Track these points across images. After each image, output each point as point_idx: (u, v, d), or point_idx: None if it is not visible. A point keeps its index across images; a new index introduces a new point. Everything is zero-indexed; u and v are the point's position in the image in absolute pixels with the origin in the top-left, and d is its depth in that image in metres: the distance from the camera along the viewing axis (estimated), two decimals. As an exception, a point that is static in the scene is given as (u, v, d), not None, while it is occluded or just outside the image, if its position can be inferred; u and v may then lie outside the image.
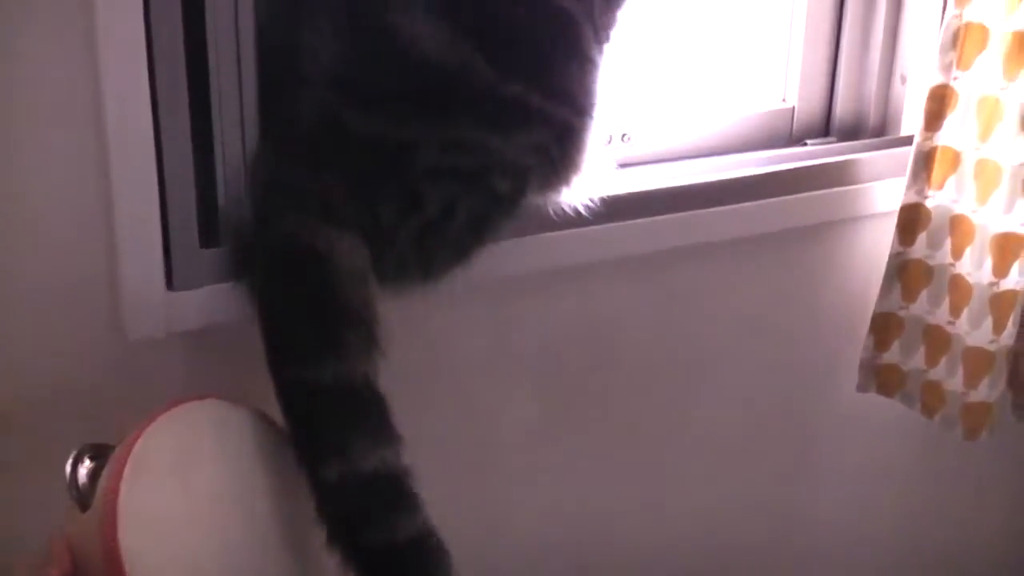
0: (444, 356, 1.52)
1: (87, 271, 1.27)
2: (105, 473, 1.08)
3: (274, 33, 1.25)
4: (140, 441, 1.08)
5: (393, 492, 1.19)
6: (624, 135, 1.64)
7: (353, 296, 1.23)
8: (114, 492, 1.05)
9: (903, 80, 1.81)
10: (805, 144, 1.81)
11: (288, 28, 1.24)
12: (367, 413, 1.20)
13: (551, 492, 1.67)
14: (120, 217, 1.23)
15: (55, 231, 1.24)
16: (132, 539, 1.03)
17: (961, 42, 1.56)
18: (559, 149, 1.33)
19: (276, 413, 1.19)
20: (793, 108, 1.83)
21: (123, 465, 1.06)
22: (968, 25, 1.55)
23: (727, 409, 1.80)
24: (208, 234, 1.28)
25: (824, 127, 1.86)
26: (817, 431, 1.90)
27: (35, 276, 1.25)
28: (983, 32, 1.54)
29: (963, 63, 1.56)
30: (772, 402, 1.83)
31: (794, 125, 1.83)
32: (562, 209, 1.40)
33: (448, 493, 1.47)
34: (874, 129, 1.85)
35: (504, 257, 1.38)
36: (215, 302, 1.28)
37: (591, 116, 1.34)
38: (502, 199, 1.32)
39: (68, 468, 1.10)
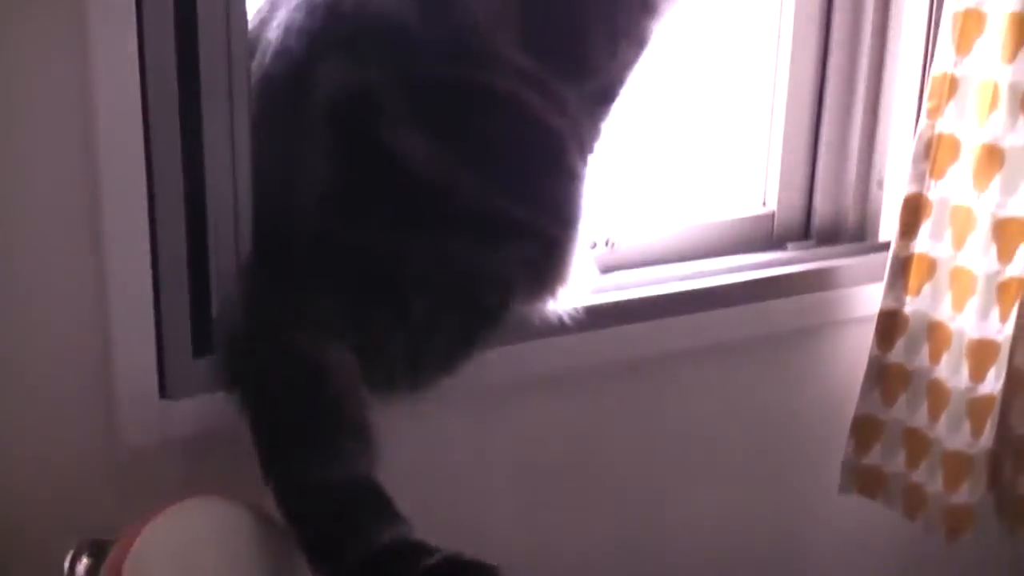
0: (428, 461, 1.52)
1: (82, 379, 1.28)
2: (103, 571, 1.08)
3: (268, 149, 1.29)
4: (139, 539, 1.10)
5: (408, 557, 1.19)
6: (608, 241, 1.67)
7: (341, 404, 1.25)
8: None
9: (880, 185, 1.86)
10: (786, 247, 1.84)
11: (281, 144, 1.28)
12: (373, 502, 1.21)
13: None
14: (115, 326, 1.25)
15: (51, 338, 1.26)
16: None
17: (934, 152, 1.60)
18: (545, 261, 1.36)
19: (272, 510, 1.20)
20: (773, 212, 1.87)
21: (122, 563, 1.07)
22: (940, 136, 1.59)
23: (712, 512, 1.81)
24: (201, 343, 1.31)
25: (804, 230, 1.90)
26: (800, 533, 1.91)
27: (31, 383, 1.26)
28: (954, 143, 1.58)
29: (936, 173, 1.60)
30: (755, 504, 1.84)
31: (775, 228, 1.87)
32: (547, 318, 1.42)
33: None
34: (852, 233, 1.89)
35: (489, 365, 1.40)
36: (208, 410, 1.30)
37: (576, 228, 1.37)
38: (489, 311, 1.36)
39: (66, 565, 1.10)
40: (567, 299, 1.42)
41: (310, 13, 1.27)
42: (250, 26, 1.30)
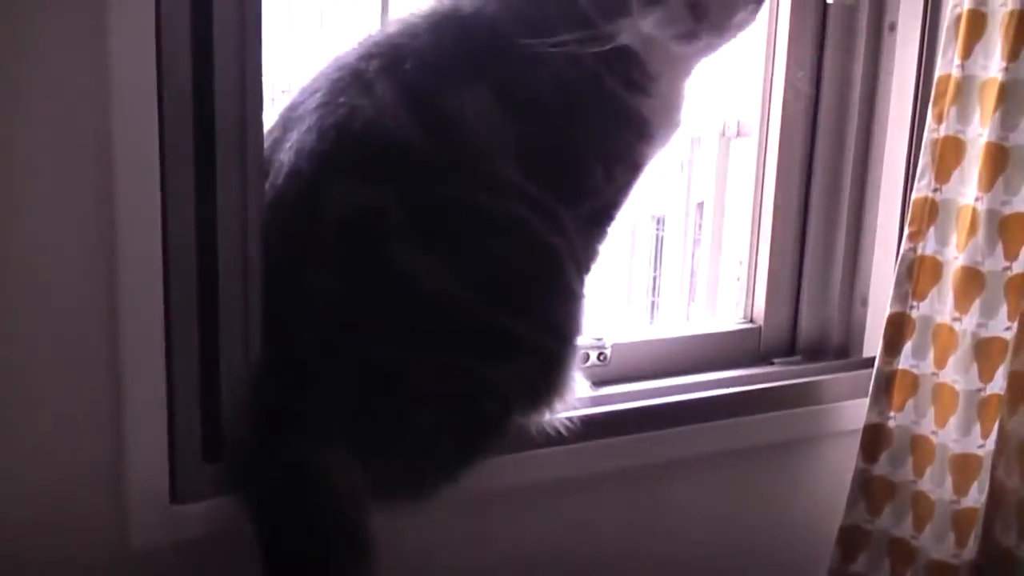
0: (428, 566, 1.54)
1: (94, 482, 1.31)
2: None
3: (279, 263, 1.33)
4: None
5: None
6: (601, 354, 1.72)
7: (343, 513, 1.29)
8: None
9: (863, 303, 1.91)
10: (772, 363, 1.89)
11: (291, 259, 1.33)
12: None
13: None
14: (127, 430, 1.29)
15: (64, 441, 1.29)
16: None
17: (916, 274, 1.66)
18: (543, 375, 1.41)
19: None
20: (760, 328, 1.92)
21: None
22: (922, 258, 1.65)
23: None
24: (212, 448, 1.34)
25: (790, 345, 1.95)
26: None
27: (44, 484, 1.29)
28: (936, 265, 1.64)
29: (918, 294, 1.66)
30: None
31: (761, 343, 1.92)
32: (543, 428, 1.47)
33: None
34: (837, 349, 1.94)
35: (487, 473, 1.43)
36: (218, 514, 1.33)
37: (573, 344, 1.42)
38: (488, 423, 1.40)
39: None
40: (562, 410, 1.46)
41: (321, 136, 1.32)
42: (264, 146, 1.36)
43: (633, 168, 1.45)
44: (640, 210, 1.48)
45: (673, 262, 1.89)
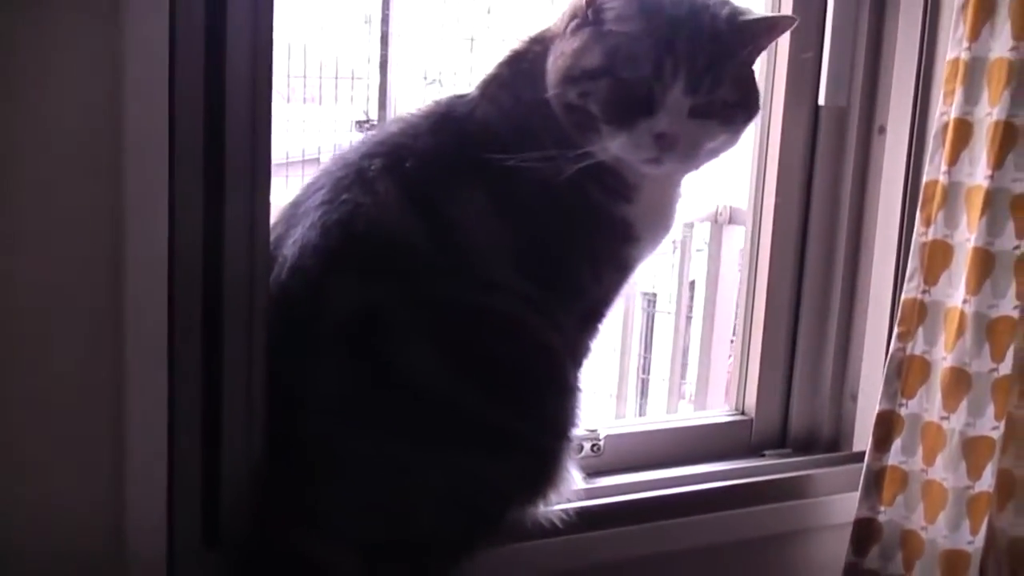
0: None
1: (93, 567, 1.31)
2: None
3: (282, 359, 1.36)
4: None
5: None
6: (594, 446, 1.74)
7: None
8: None
9: (853, 399, 1.94)
10: (763, 455, 1.91)
11: (294, 356, 1.35)
12: None
13: None
14: (128, 515, 1.30)
15: (64, 529, 1.29)
16: None
17: (905, 373, 1.69)
18: (540, 470, 1.43)
19: None
20: (751, 419, 1.94)
21: None
22: (911, 358, 1.68)
23: None
24: (211, 534, 1.35)
25: (781, 438, 1.98)
26: None
27: (40, 571, 1.29)
28: (925, 365, 1.67)
29: (907, 392, 1.69)
30: None
31: (752, 435, 1.95)
32: (538, 521, 1.49)
33: None
34: (827, 443, 1.97)
35: (482, 566, 1.45)
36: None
37: (569, 438, 1.45)
38: (487, 517, 1.42)
39: None
40: (557, 503, 1.48)
41: (324, 233, 1.35)
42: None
43: (621, 270, 1.48)
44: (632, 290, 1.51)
45: (665, 340, 1.92)
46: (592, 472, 1.67)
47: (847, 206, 1.91)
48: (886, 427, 1.71)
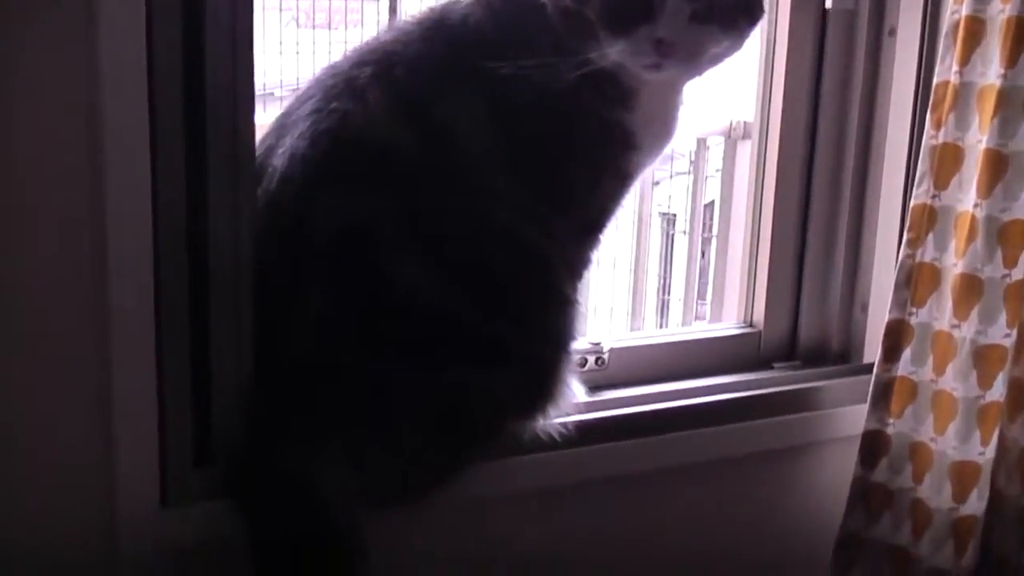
0: (419, 571, 1.54)
1: (84, 486, 1.31)
2: None
3: (270, 272, 1.33)
4: None
5: None
6: (599, 359, 1.72)
7: (338, 521, 1.29)
8: None
9: (863, 309, 1.91)
10: (772, 367, 1.88)
11: (282, 269, 1.33)
12: None
13: None
14: (118, 434, 1.29)
15: (54, 445, 1.29)
16: None
17: (915, 281, 1.65)
18: (536, 382, 1.41)
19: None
20: (760, 332, 1.91)
21: None
22: (920, 265, 1.64)
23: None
24: (202, 453, 1.34)
25: (790, 350, 1.94)
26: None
27: (33, 489, 1.29)
28: (935, 272, 1.64)
29: (917, 301, 1.65)
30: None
31: (761, 348, 1.92)
32: (537, 435, 1.47)
33: None
34: (837, 354, 1.94)
35: (480, 478, 1.44)
36: (207, 519, 1.33)
37: (567, 351, 1.42)
38: (481, 430, 1.40)
39: None
40: (556, 416, 1.46)
41: (313, 142, 1.32)
42: (258, 152, 1.36)
43: (619, 179, 1.45)
44: (649, 209, 1.48)
45: (683, 261, 1.89)
46: (596, 386, 1.64)
47: (856, 112, 1.86)
48: (895, 337, 1.68)
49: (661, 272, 3.42)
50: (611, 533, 1.70)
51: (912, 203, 1.65)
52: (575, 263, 1.43)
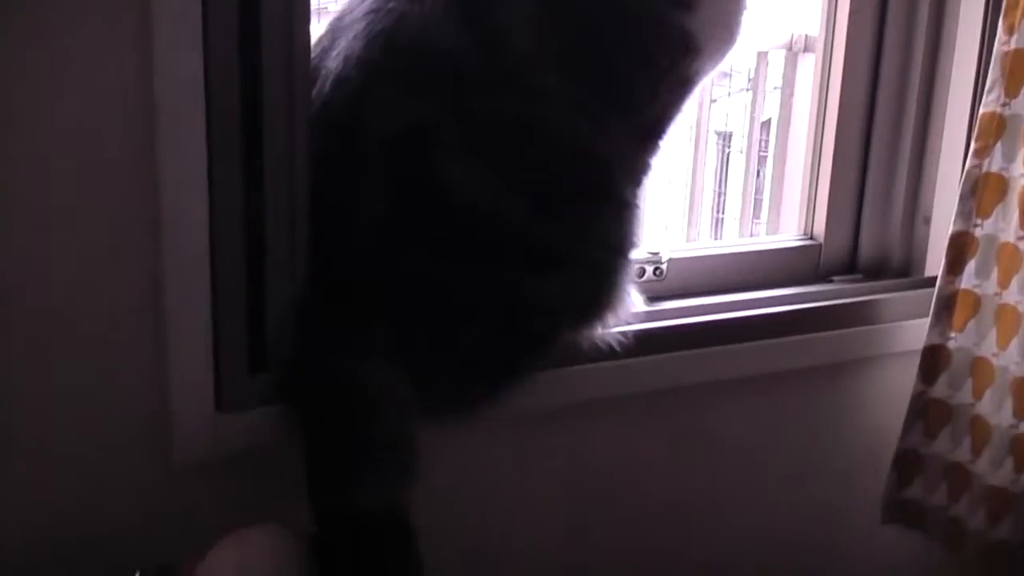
0: (473, 482, 1.55)
1: (138, 394, 1.31)
2: None
3: (325, 176, 1.32)
4: (200, 567, 1.12)
5: None
6: (657, 269, 1.70)
7: (392, 428, 1.28)
8: None
9: (926, 221, 1.87)
10: (832, 281, 1.86)
11: (337, 172, 1.32)
12: (394, 544, 1.24)
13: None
14: (173, 341, 1.29)
15: (109, 353, 1.29)
16: None
17: (981, 191, 1.61)
18: (594, 289, 1.39)
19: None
20: (820, 245, 1.88)
21: None
22: (987, 175, 1.61)
23: (753, 542, 1.82)
24: (257, 359, 1.34)
25: (850, 264, 1.91)
26: (843, 563, 1.92)
27: (90, 397, 1.29)
28: (1001, 182, 1.60)
29: (982, 211, 1.62)
30: (798, 535, 1.85)
31: (821, 261, 1.89)
32: (595, 344, 1.45)
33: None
34: (898, 268, 1.90)
35: (537, 389, 1.43)
36: (262, 425, 1.33)
37: (626, 257, 1.40)
38: (537, 337, 1.38)
39: None
40: (614, 325, 1.44)
41: (369, 44, 1.30)
42: (312, 55, 1.34)
43: (681, 84, 1.41)
44: (705, 127, 1.46)
45: (739, 179, 1.86)
46: (654, 297, 1.62)
47: (924, 20, 1.81)
48: (959, 249, 1.65)
49: (716, 191, 3.40)
50: (668, 445, 1.70)
51: (981, 111, 1.61)
52: (634, 167, 1.40)
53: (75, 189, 1.23)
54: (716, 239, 3.08)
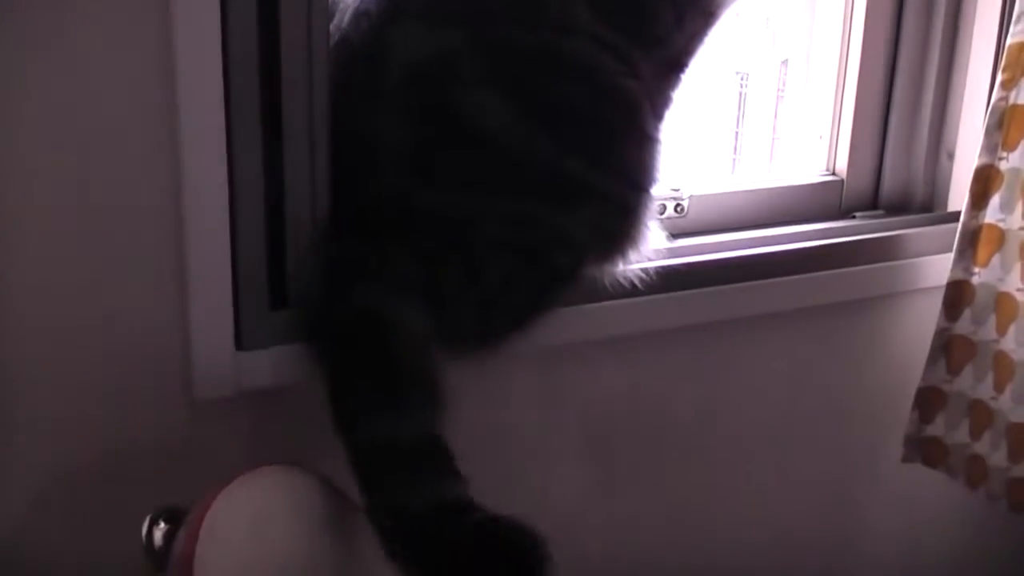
0: (495, 418, 1.55)
1: (158, 331, 1.30)
2: (180, 535, 1.10)
3: (346, 112, 1.30)
4: (215, 504, 1.11)
5: (463, 514, 1.20)
6: (678, 206, 1.68)
7: (415, 360, 1.27)
8: (190, 553, 1.08)
9: (950, 156, 1.85)
10: (854, 217, 1.84)
11: (358, 106, 1.30)
12: (436, 459, 1.22)
13: (592, 556, 1.69)
14: (192, 279, 1.28)
15: (127, 291, 1.28)
16: None
17: (1007, 124, 1.59)
18: (617, 224, 1.37)
19: (342, 477, 1.21)
20: (842, 180, 1.87)
21: (198, 529, 1.09)
22: (1014, 107, 1.58)
23: (773, 479, 1.82)
24: (277, 297, 1.33)
25: (873, 200, 1.90)
26: (863, 501, 1.92)
27: (107, 336, 1.28)
28: (1029, 115, 1.57)
29: (1008, 144, 1.59)
30: (818, 472, 1.85)
31: (843, 197, 1.87)
32: (616, 280, 1.44)
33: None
34: (921, 204, 1.89)
35: (558, 325, 1.42)
36: (282, 362, 1.32)
37: (648, 191, 1.38)
38: (560, 272, 1.37)
39: (144, 531, 1.12)
40: (636, 261, 1.43)
41: None
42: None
43: (705, 16, 1.39)
44: (722, 66, 1.44)
45: (756, 120, 1.84)
46: (675, 233, 1.60)
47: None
48: (984, 183, 1.63)
49: (733, 130, 3.38)
50: (690, 382, 1.69)
51: (1008, 42, 1.58)
52: (657, 102, 1.38)
53: (93, 118, 1.22)
54: (736, 177, 3.06)
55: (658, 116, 1.39)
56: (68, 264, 1.24)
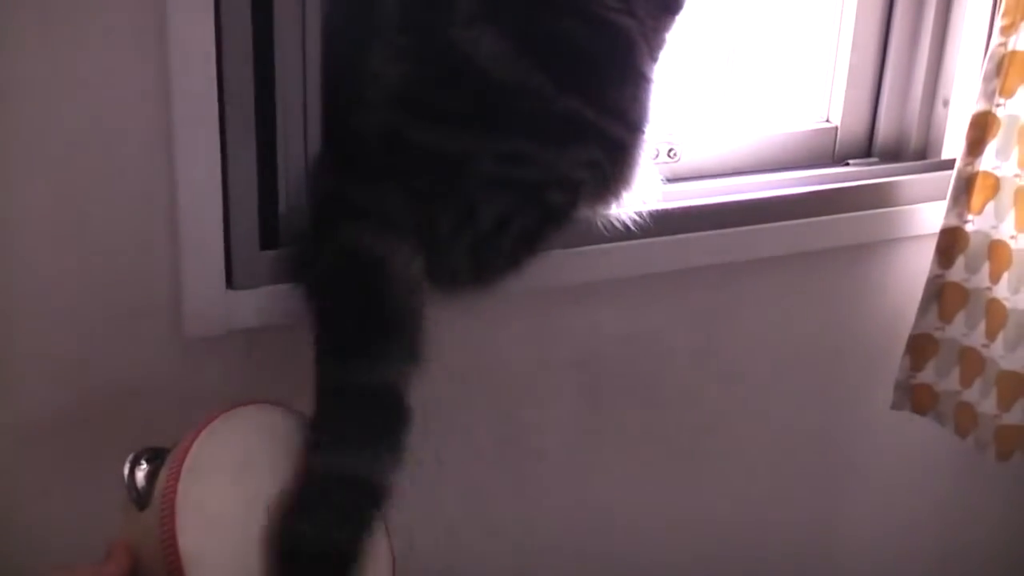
0: (488, 361, 1.55)
1: (149, 270, 1.30)
2: (163, 474, 1.10)
3: (338, 48, 1.29)
4: (197, 443, 1.11)
5: (362, 502, 1.19)
6: (671, 151, 1.67)
7: (404, 303, 1.26)
8: (172, 491, 1.07)
9: (946, 104, 1.84)
10: (848, 164, 1.83)
11: (351, 44, 1.28)
12: (384, 424, 1.22)
13: (585, 499, 1.70)
14: (183, 217, 1.27)
15: (118, 230, 1.28)
16: (190, 536, 1.06)
17: (1005, 70, 1.58)
18: (611, 164, 1.36)
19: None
20: (836, 128, 1.85)
21: (180, 465, 1.09)
22: (1013, 54, 1.57)
23: (763, 425, 1.82)
24: (268, 236, 1.32)
25: (867, 147, 1.89)
26: (852, 448, 1.93)
27: (97, 274, 1.28)
28: (1028, 61, 1.56)
29: (1006, 91, 1.58)
30: (808, 418, 1.86)
31: (837, 145, 1.86)
32: (611, 222, 1.43)
33: (484, 493, 1.51)
34: (916, 151, 1.87)
35: (552, 268, 1.41)
36: (272, 302, 1.32)
37: (643, 132, 1.37)
38: (554, 212, 1.36)
39: (126, 469, 1.11)
40: (631, 203, 1.42)
41: None
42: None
43: None
44: (717, 10, 1.43)
45: (750, 66, 1.83)
46: (669, 178, 1.59)
47: None
48: (980, 129, 1.62)
49: (727, 75, 3.37)
50: (683, 326, 1.69)
51: (1007, -13, 1.56)
52: (652, 42, 1.37)
53: (82, 61, 1.20)
54: (729, 123, 3.05)
55: (653, 57, 1.37)
56: (58, 202, 1.24)
